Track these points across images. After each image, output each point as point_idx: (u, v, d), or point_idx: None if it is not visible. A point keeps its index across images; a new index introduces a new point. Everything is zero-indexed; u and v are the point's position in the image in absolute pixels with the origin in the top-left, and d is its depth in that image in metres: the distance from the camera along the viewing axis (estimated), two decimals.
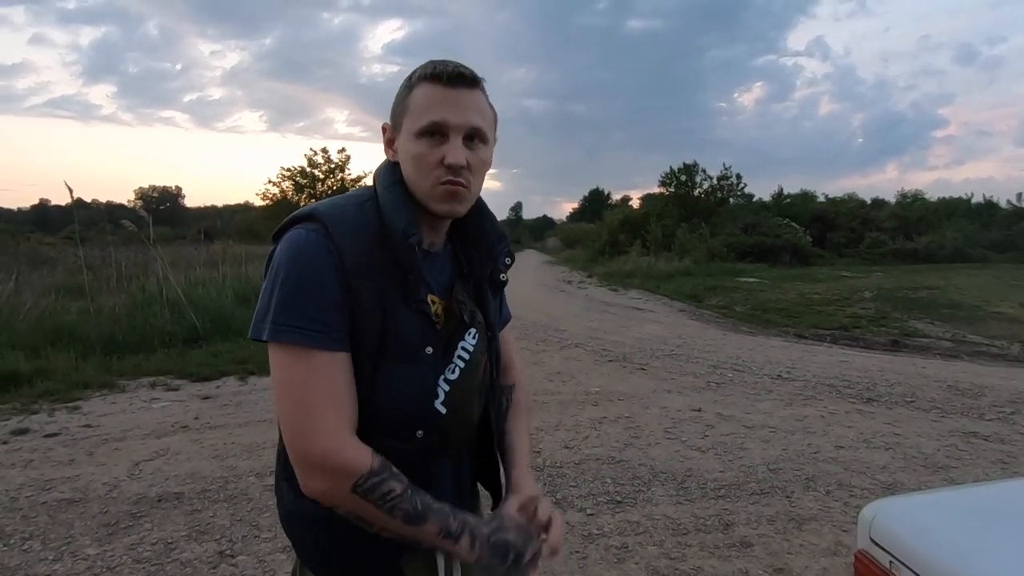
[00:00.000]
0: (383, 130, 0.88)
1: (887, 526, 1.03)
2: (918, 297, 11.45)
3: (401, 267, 0.80)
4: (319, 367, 0.76)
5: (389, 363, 0.80)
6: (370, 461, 0.75)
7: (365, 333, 0.78)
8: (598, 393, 4.87)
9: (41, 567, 2.34)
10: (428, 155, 0.80)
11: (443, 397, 0.85)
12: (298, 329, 0.75)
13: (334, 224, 0.79)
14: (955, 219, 28.12)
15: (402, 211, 0.81)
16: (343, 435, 0.76)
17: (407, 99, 0.82)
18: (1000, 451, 3.58)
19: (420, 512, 0.76)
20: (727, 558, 2.42)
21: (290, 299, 0.76)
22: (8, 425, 3.99)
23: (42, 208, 61.21)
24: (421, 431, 0.83)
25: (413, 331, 0.81)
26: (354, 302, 0.77)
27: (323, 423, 0.75)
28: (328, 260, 0.76)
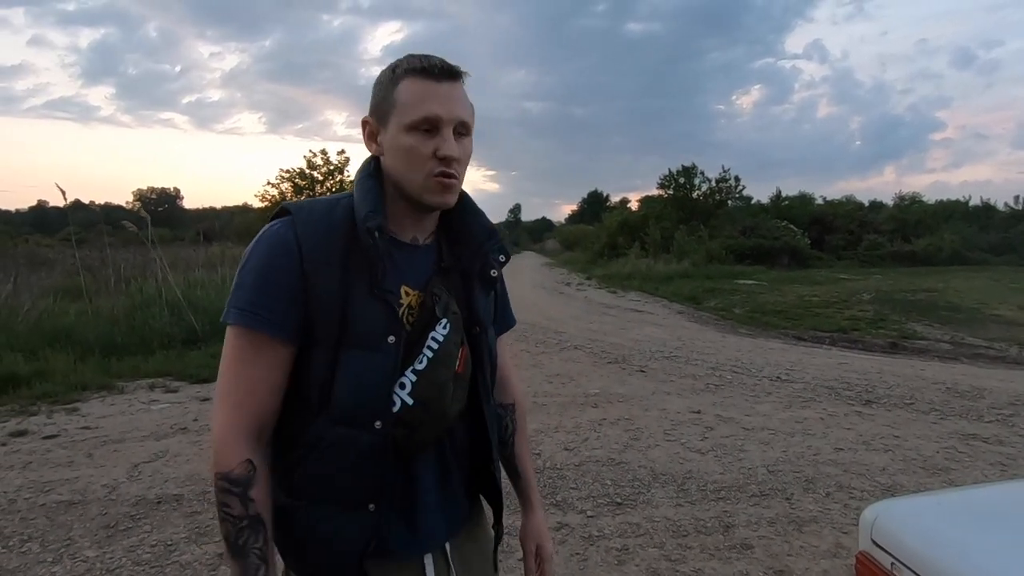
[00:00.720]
0: (363, 124, 0.88)
1: (889, 528, 1.03)
2: (917, 299, 11.46)
3: (366, 256, 0.81)
4: (248, 353, 0.79)
5: (349, 351, 0.80)
6: (234, 466, 0.77)
7: (323, 323, 0.80)
8: (598, 395, 4.87)
9: (40, 569, 2.33)
10: (420, 148, 0.81)
11: (409, 388, 0.83)
12: (241, 311, 0.79)
13: (300, 215, 0.82)
14: (953, 222, 28.19)
15: (367, 200, 0.83)
16: (231, 427, 0.78)
17: (392, 93, 0.82)
18: (999, 453, 3.59)
19: (234, 547, 0.77)
20: (727, 560, 2.42)
21: (243, 284, 0.80)
22: (7, 427, 3.98)
23: (40, 209, 61.08)
24: (379, 421, 0.81)
25: (375, 319, 0.81)
26: (311, 292, 0.79)
27: (224, 410, 0.79)
28: (284, 250, 0.79)
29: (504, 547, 2.50)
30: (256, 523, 0.78)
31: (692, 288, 13.53)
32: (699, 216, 24.52)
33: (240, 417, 0.79)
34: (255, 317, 0.79)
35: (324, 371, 0.81)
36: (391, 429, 0.81)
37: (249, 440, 0.79)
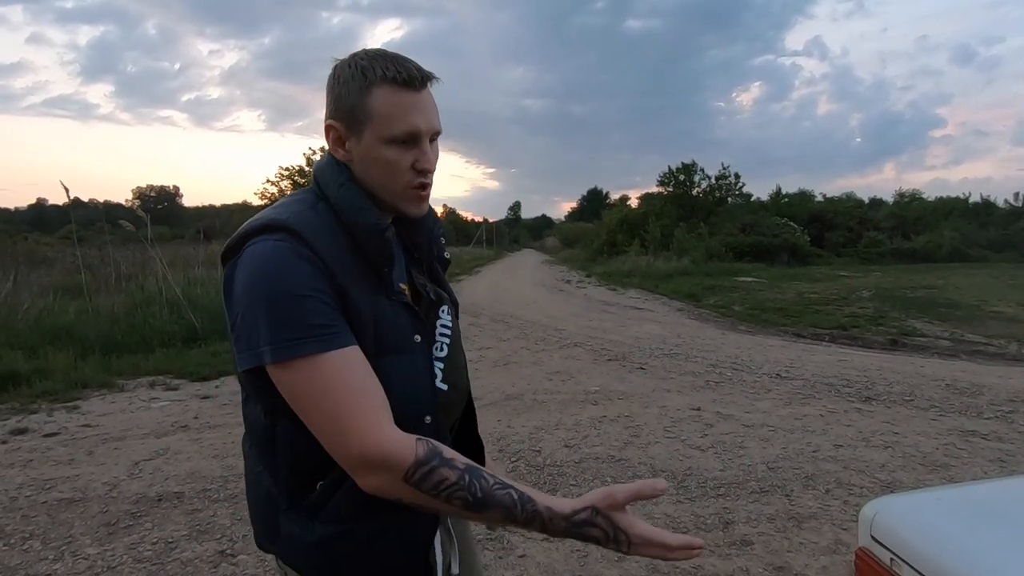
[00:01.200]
0: (328, 129, 0.83)
1: (888, 523, 1.04)
2: (916, 296, 11.47)
3: (374, 262, 0.80)
4: (337, 369, 0.73)
5: (387, 357, 0.79)
6: (414, 450, 0.73)
7: (361, 334, 0.77)
8: (597, 392, 4.88)
9: (41, 567, 2.34)
10: (401, 161, 0.80)
11: (441, 376, 0.86)
12: (302, 340, 0.72)
13: (302, 228, 0.76)
14: (953, 219, 28.21)
15: (365, 206, 0.81)
16: (378, 429, 0.73)
17: (367, 101, 0.78)
18: (998, 449, 3.59)
19: (481, 499, 0.73)
20: (727, 556, 2.43)
21: (282, 314, 0.72)
22: (7, 425, 3.99)
23: (39, 208, 61.09)
24: (429, 416, 0.83)
25: (401, 322, 0.82)
26: (348, 305, 0.76)
27: (353, 424, 0.72)
28: (309, 267, 0.74)
29: (505, 544, 2.51)
30: (472, 468, 0.74)
31: (692, 285, 13.54)
32: (699, 213, 24.53)
33: (380, 415, 0.74)
34: (329, 338, 0.73)
35: None
36: (440, 421, 0.84)
37: (393, 427, 0.75)
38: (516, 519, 0.73)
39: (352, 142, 0.82)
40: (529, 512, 0.73)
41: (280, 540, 0.84)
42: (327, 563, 0.82)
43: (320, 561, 0.82)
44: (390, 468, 0.72)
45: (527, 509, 0.73)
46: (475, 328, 8.32)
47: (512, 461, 3.42)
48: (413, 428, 0.79)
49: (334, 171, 0.84)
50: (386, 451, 0.72)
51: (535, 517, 0.73)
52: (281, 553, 0.86)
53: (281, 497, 0.82)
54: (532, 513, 0.73)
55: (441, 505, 0.73)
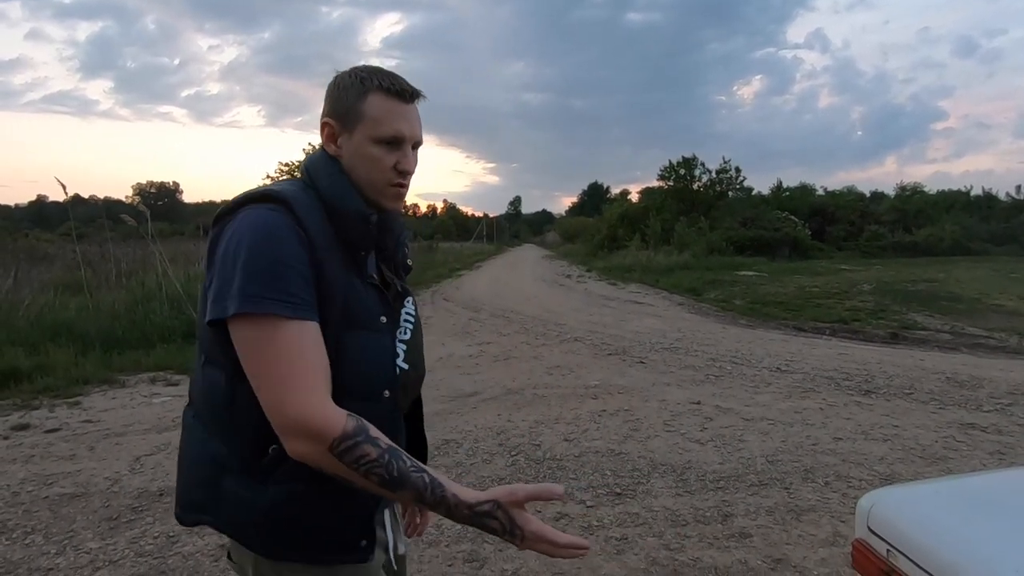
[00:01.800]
0: (324, 126, 0.93)
1: (885, 515, 1.04)
2: (917, 290, 11.46)
3: (355, 246, 0.89)
4: (294, 336, 0.79)
5: (354, 331, 0.86)
6: (343, 424, 0.77)
7: (331, 306, 0.83)
8: (597, 386, 4.88)
9: (43, 561, 2.35)
10: (385, 159, 0.90)
11: (403, 355, 0.95)
12: (271, 300, 0.78)
13: (297, 204, 0.84)
14: (954, 212, 28.17)
15: (352, 195, 0.89)
16: (315, 399, 0.78)
17: (361, 104, 0.89)
18: (997, 442, 3.60)
19: (396, 479, 0.78)
20: (726, 549, 2.43)
21: (259, 271, 0.78)
22: (9, 420, 4.00)
23: (40, 204, 61.06)
24: (388, 391, 0.90)
25: (371, 302, 0.90)
26: (320, 276, 0.82)
27: (296, 390, 0.77)
28: (295, 237, 0.81)
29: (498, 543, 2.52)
30: (393, 450, 0.80)
31: (692, 280, 13.53)
32: (699, 207, 24.49)
33: (322, 389, 0.79)
34: (294, 306, 0.79)
35: (331, 352, 0.83)
36: (398, 396, 0.92)
37: (330, 400, 0.80)
38: (425, 501, 0.80)
39: (344, 138, 0.91)
40: (437, 496, 0.80)
41: (223, 506, 0.87)
42: (275, 527, 0.86)
43: (268, 524, 0.85)
44: (320, 437, 0.76)
45: (436, 494, 0.80)
46: (475, 323, 8.32)
47: (512, 455, 3.43)
48: (374, 399, 0.88)
49: (326, 163, 0.92)
50: (320, 420, 0.76)
51: (442, 502, 0.80)
52: (222, 520, 0.88)
53: (233, 461, 0.85)
54: (440, 498, 0.80)
55: (359, 479, 0.78)
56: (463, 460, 3.35)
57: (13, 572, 2.27)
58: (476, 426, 3.92)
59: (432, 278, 15.20)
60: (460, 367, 5.62)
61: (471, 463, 3.32)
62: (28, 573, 2.27)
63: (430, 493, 0.80)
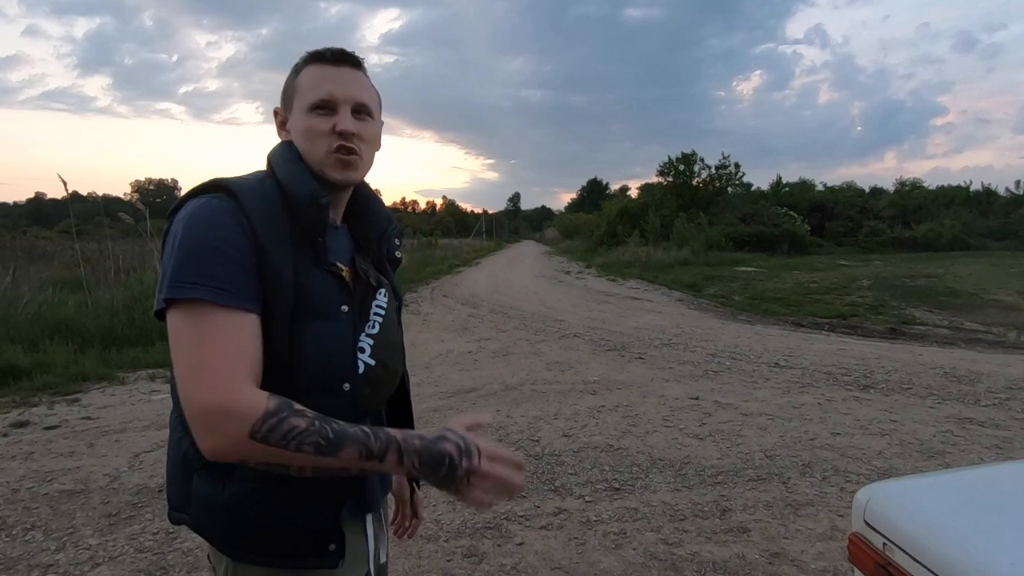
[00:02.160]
0: (275, 115, 0.93)
1: (881, 509, 1.04)
2: (916, 285, 11.47)
3: (309, 232, 0.84)
4: (218, 325, 0.73)
5: (307, 321, 0.81)
6: (264, 404, 0.71)
7: (280, 296, 0.79)
8: (596, 382, 4.89)
9: (43, 557, 2.35)
10: (319, 125, 0.85)
11: (369, 350, 0.89)
12: (197, 286, 0.73)
13: (241, 191, 0.81)
14: (953, 207, 28.16)
15: (305, 179, 0.85)
16: (234, 384, 0.71)
17: (295, 81, 0.88)
18: (995, 436, 3.61)
19: (333, 440, 0.71)
20: (724, 543, 2.44)
21: (191, 258, 0.74)
22: (8, 418, 4.00)
23: (38, 202, 61.00)
24: (347, 383, 0.85)
25: (328, 290, 0.85)
26: (266, 266, 0.78)
27: (214, 377, 0.71)
28: (236, 224, 0.77)
29: (503, 533, 2.52)
30: (322, 416, 0.73)
31: (691, 275, 13.53)
32: (699, 203, 24.48)
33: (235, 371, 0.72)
34: (229, 294, 0.74)
35: (283, 343, 0.79)
36: (360, 389, 0.86)
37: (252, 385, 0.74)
38: (372, 451, 0.73)
39: (290, 121, 0.89)
40: (383, 440, 0.73)
41: (193, 505, 0.84)
42: (236, 527, 0.82)
43: (231, 525, 0.82)
44: (239, 422, 0.69)
45: (381, 438, 0.74)
46: (475, 319, 8.33)
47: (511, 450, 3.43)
48: (333, 393, 0.83)
49: (284, 152, 0.89)
50: (236, 404, 0.70)
51: (390, 443, 0.74)
52: (193, 519, 0.85)
53: (198, 459, 0.79)
54: (387, 440, 0.74)
55: (292, 456, 0.71)
56: None
57: (13, 568, 2.28)
58: None
59: (431, 275, 15.18)
60: (459, 363, 5.62)
61: None
62: (28, 569, 2.27)
63: (375, 440, 0.73)
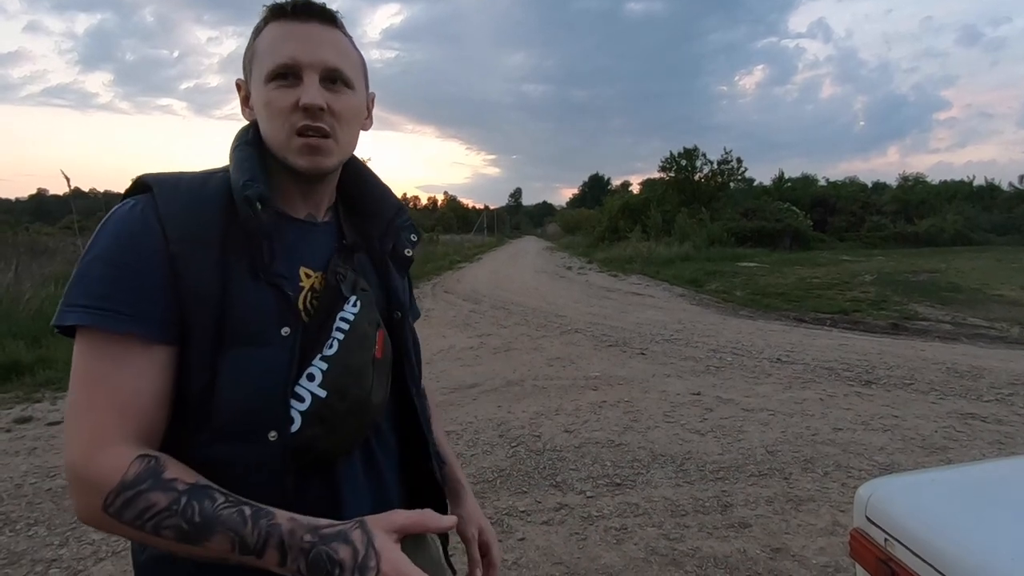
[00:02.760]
0: (238, 88, 0.76)
1: (883, 504, 1.04)
2: (918, 280, 11.44)
3: (249, 234, 0.67)
4: (103, 358, 0.62)
5: (232, 349, 0.65)
6: (121, 474, 0.59)
7: (198, 318, 0.64)
8: (598, 378, 4.89)
9: (47, 552, 2.37)
10: (279, 99, 0.68)
11: (320, 378, 0.69)
12: (82, 309, 0.61)
13: (163, 189, 0.67)
14: (956, 202, 28.02)
15: (243, 168, 0.69)
16: (100, 443, 0.60)
17: (255, 44, 0.71)
18: (998, 432, 3.60)
19: (199, 525, 0.57)
20: (725, 538, 2.44)
21: (83, 275, 0.63)
22: (11, 413, 4.02)
23: (40, 198, 61.08)
24: (274, 432, 0.65)
25: (262, 308, 0.67)
26: (181, 280, 0.64)
27: (79, 431, 0.61)
28: (144, 231, 0.64)
29: (504, 528, 2.53)
30: (198, 489, 0.60)
31: (693, 271, 13.50)
32: (701, 199, 24.39)
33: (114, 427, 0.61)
34: (114, 316, 0.61)
35: (203, 376, 0.65)
36: (292, 438, 0.66)
37: (134, 445, 0.61)
38: (247, 544, 0.58)
39: (252, 95, 0.73)
40: (263, 531, 0.58)
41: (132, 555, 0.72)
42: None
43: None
44: (95, 490, 0.59)
45: (261, 526, 0.58)
46: (476, 315, 8.33)
47: (512, 446, 3.44)
48: (251, 441, 0.65)
49: (238, 136, 0.74)
50: (94, 468, 0.59)
51: (270, 536, 0.58)
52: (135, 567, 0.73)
53: None
54: (267, 532, 0.58)
55: (153, 540, 0.59)
56: (463, 451, 3.36)
57: (17, 563, 2.29)
58: (477, 417, 3.93)
59: (433, 270, 15.19)
60: (460, 359, 5.63)
61: (471, 454, 3.33)
62: (32, 564, 2.29)
63: (253, 529, 0.58)
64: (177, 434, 0.66)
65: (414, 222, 0.86)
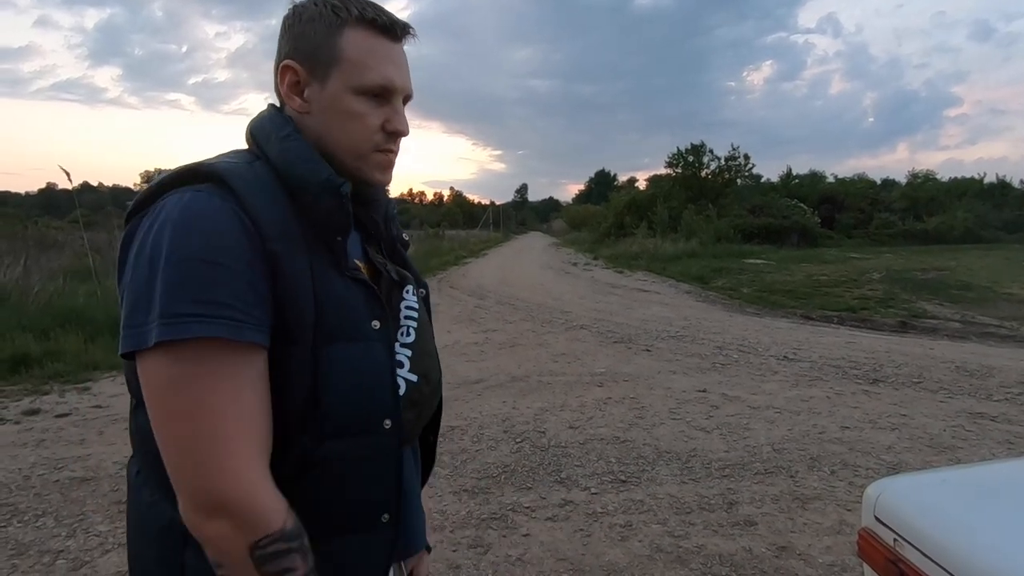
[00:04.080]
0: (284, 70, 0.70)
1: (892, 504, 1.03)
2: (927, 278, 11.35)
3: (325, 228, 0.66)
4: (228, 375, 0.58)
5: (334, 345, 0.64)
6: (283, 520, 0.60)
7: (300, 316, 0.62)
8: (603, 374, 4.88)
9: (54, 543, 2.38)
10: (372, 116, 0.69)
11: (408, 364, 0.73)
12: (204, 319, 0.56)
13: (235, 179, 0.62)
14: (966, 199, 27.80)
15: (314, 160, 0.67)
16: (257, 475, 0.59)
17: (337, 42, 0.67)
18: (1007, 431, 3.57)
19: None
20: (730, 536, 2.43)
21: (186, 279, 0.56)
22: (20, 405, 4.05)
23: (49, 192, 61.50)
24: (389, 420, 0.68)
25: (353, 303, 0.67)
26: (277, 276, 0.61)
27: (234, 457, 0.57)
28: (239, 229, 0.59)
29: (508, 523, 2.52)
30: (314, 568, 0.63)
31: (699, 268, 13.45)
32: (707, 195, 24.28)
33: (259, 454, 0.60)
34: (238, 325, 0.57)
35: (306, 378, 0.63)
36: (402, 423, 0.70)
37: (270, 477, 0.61)
38: None
39: (314, 88, 0.69)
40: None
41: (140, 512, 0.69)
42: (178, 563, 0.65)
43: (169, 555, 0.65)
44: (250, 526, 0.58)
45: None
46: (481, 311, 8.33)
47: (517, 442, 3.44)
48: (371, 432, 0.67)
49: (277, 124, 0.70)
50: (257, 506, 0.58)
51: None
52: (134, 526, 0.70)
53: None
54: None
55: None
56: (468, 447, 3.36)
57: (24, 553, 2.31)
58: (481, 413, 3.93)
59: (438, 266, 15.19)
60: (466, 354, 5.63)
61: (476, 449, 3.33)
62: (39, 555, 2.30)
63: None
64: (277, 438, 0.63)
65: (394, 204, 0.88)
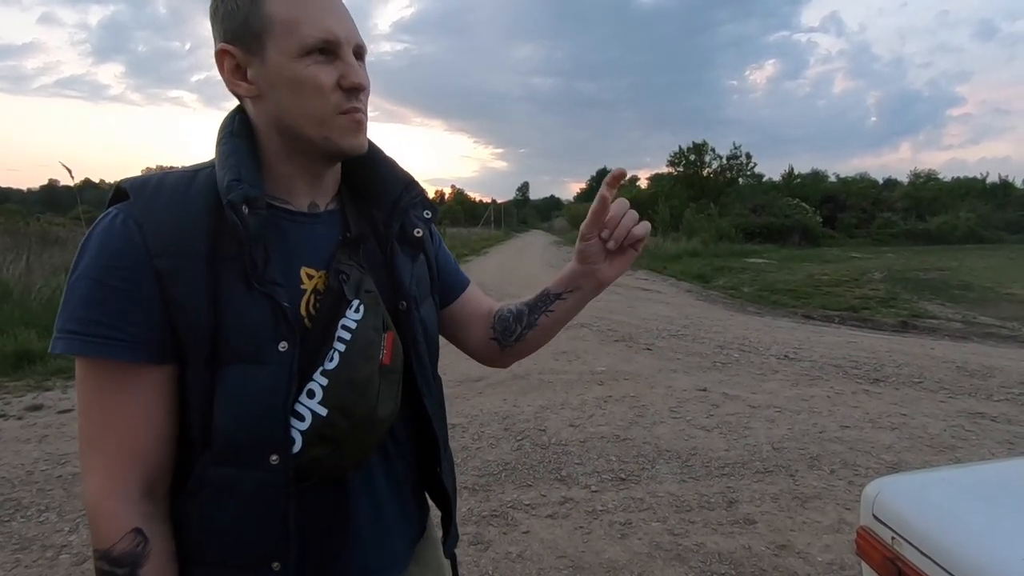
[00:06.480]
0: (221, 56, 0.65)
1: (890, 503, 1.03)
2: (929, 278, 11.34)
3: (234, 238, 0.61)
4: (109, 389, 0.61)
5: (226, 368, 0.62)
6: (113, 541, 0.61)
7: (191, 335, 0.61)
8: (604, 373, 4.88)
9: (57, 538, 2.40)
10: (322, 77, 0.63)
11: (320, 395, 0.64)
12: (75, 336, 0.59)
13: (141, 196, 0.62)
14: (969, 199, 27.75)
15: (230, 164, 0.63)
16: (109, 488, 0.61)
17: (262, 7, 0.62)
18: (1007, 432, 3.57)
19: None
20: (730, 535, 2.44)
21: (71, 297, 0.60)
22: (23, 401, 4.06)
23: (51, 188, 61.59)
24: (275, 455, 0.62)
25: (257, 322, 0.62)
26: (169, 297, 0.60)
27: (94, 470, 0.62)
28: (126, 246, 0.60)
29: (509, 520, 2.54)
30: None
31: (701, 267, 13.45)
32: (709, 194, 24.28)
33: (120, 471, 0.61)
34: (106, 343, 0.59)
35: (201, 397, 0.62)
36: (294, 460, 0.63)
37: (136, 501, 0.62)
38: None
39: (255, 66, 0.64)
40: None
41: None
42: None
43: None
44: (93, 531, 0.62)
45: None
46: None
47: (517, 440, 3.45)
48: (253, 465, 0.62)
49: (221, 127, 0.68)
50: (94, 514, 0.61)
51: None
52: None
53: None
54: None
55: None
56: (469, 444, 3.37)
57: (28, 548, 2.32)
58: (482, 411, 3.94)
59: None
60: None
61: (477, 447, 3.34)
62: (42, 550, 2.32)
63: None
64: (182, 456, 0.65)
65: (426, 196, 0.78)
